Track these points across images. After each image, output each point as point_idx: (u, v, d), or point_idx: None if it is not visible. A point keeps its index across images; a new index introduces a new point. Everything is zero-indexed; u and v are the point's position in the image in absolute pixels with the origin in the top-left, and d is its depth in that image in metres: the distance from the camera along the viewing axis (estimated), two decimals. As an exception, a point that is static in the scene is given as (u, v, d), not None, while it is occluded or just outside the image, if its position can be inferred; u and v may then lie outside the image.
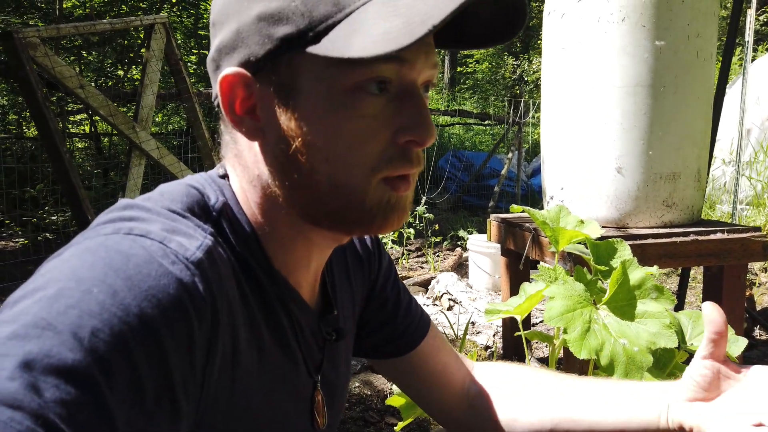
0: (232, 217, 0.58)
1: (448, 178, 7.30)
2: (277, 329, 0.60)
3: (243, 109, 0.55)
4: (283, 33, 0.50)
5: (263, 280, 0.59)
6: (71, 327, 0.39)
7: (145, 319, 0.42)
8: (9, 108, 7.38)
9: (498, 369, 0.90)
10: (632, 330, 1.22)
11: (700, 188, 2.27)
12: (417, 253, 5.19)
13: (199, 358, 0.47)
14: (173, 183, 0.59)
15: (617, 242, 1.39)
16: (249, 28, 0.52)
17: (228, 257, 0.54)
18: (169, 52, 3.45)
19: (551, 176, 2.38)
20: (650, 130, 2.09)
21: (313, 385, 0.67)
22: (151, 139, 3.25)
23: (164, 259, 0.46)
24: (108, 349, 0.40)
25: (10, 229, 5.54)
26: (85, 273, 0.43)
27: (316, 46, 0.49)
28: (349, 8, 0.49)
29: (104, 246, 0.46)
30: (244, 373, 0.54)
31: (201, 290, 0.47)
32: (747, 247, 2.11)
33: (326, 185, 0.54)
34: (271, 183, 0.56)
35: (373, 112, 0.52)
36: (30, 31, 2.63)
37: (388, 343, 0.83)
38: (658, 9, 2.03)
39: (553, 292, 1.27)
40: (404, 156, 0.54)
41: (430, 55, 0.55)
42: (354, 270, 0.78)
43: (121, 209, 0.52)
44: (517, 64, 12.22)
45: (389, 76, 0.52)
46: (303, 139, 0.53)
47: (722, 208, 4.72)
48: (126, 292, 0.43)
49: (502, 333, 2.88)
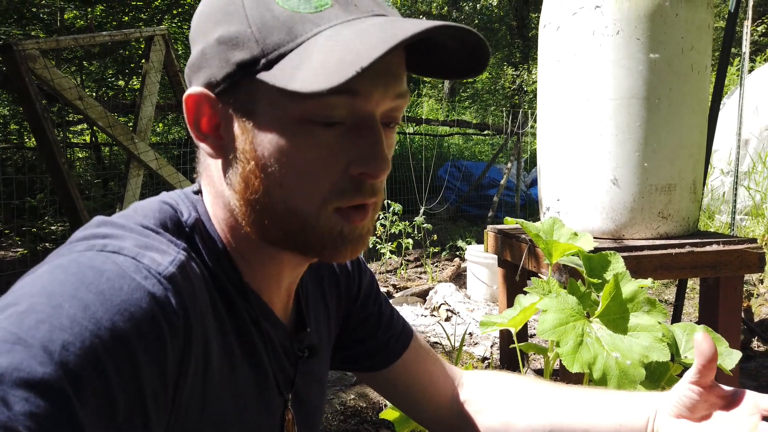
0: (204, 233, 0.58)
1: (447, 188, 7.31)
2: (249, 345, 0.61)
3: (209, 127, 0.56)
4: (239, 58, 0.51)
5: (235, 296, 0.59)
6: (42, 341, 0.39)
7: (117, 333, 0.43)
8: (11, 118, 7.41)
9: (489, 376, 0.91)
10: (625, 343, 1.22)
11: (696, 200, 2.27)
12: (415, 263, 5.19)
13: (171, 372, 0.47)
14: (148, 200, 0.59)
15: (610, 255, 1.40)
16: (211, 50, 0.53)
17: (201, 272, 0.55)
18: (168, 64, 3.47)
19: (547, 187, 2.39)
20: (645, 141, 2.10)
21: (283, 403, 0.66)
22: (150, 150, 3.26)
23: (137, 274, 0.47)
24: (79, 363, 0.40)
25: (10, 239, 5.54)
26: (56, 288, 0.43)
27: (266, 73, 0.50)
28: (301, 38, 0.50)
29: (77, 262, 0.46)
30: (216, 387, 0.54)
31: (174, 304, 0.48)
32: (743, 258, 2.11)
33: (281, 208, 0.54)
34: (232, 201, 0.57)
35: (325, 143, 0.52)
36: (29, 43, 2.64)
37: (371, 357, 0.83)
38: (653, 22, 2.05)
39: (546, 305, 1.27)
40: (357, 188, 0.54)
41: (391, 86, 0.54)
42: (330, 288, 0.78)
43: (96, 226, 0.53)
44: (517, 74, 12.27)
45: (338, 110, 0.52)
46: (258, 162, 0.53)
47: (721, 218, 4.72)
48: (98, 306, 0.43)
49: (499, 344, 2.88)
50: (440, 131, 8.89)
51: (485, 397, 0.86)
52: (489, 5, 14.41)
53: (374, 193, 0.56)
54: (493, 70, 15.14)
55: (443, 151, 9.08)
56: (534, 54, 12.97)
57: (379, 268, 4.88)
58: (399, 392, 0.86)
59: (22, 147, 6.90)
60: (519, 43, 13.65)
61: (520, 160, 7.19)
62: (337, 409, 2.10)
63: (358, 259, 0.83)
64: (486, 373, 0.92)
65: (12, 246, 5.46)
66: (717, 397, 0.64)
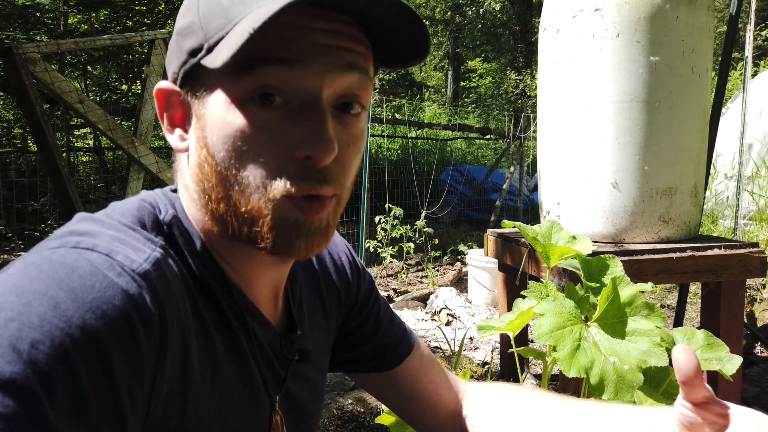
0: (182, 230, 0.58)
1: (449, 192, 7.30)
2: (234, 343, 0.59)
3: (176, 120, 0.58)
4: (189, 46, 0.53)
5: (219, 293, 0.58)
6: (10, 339, 0.38)
7: (89, 331, 0.42)
8: (14, 122, 7.44)
9: (492, 391, 0.88)
10: (623, 348, 1.21)
11: (697, 203, 2.26)
12: (416, 267, 5.18)
13: (147, 370, 0.46)
14: (127, 199, 0.59)
15: (609, 258, 1.38)
16: (173, 45, 0.56)
17: (179, 270, 0.54)
18: (170, 67, 3.47)
19: (548, 191, 2.37)
20: (646, 145, 2.09)
21: (270, 404, 0.65)
22: (151, 154, 3.27)
23: (110, 271, 0.46)
24: (48, 362, 0.39)
25: (13, 243, 5.55)
26: (26, 286, 0.42)
27: (206, 57, 0.50)
28: (235, 21, 0.49)
29: (49, 260, 0.45)
30: (197, 387, 0.53)
31: (148, 302, 0.46)
32: (745, 263, 2.09)
33: (233, 197, 0.53)
34: (196, 195, 0.57)
35: (265, 124, 0.51)
36: (30, 47, 2.65)
37: (369, 360, 0.82)
38: (653, 25, 2.04)
39: (543, 310, 1.26)
40: (305, 173, 0.51)
41: (337, 55, 0.51)
42: (328, 293, 0.77)
43: (75, 222, 0.53)
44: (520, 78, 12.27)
45: (273, 82, 0.50)
46: (209, 149, 0.53)
47: (725, 223, 4.69)
48: (69, 303, 0.42)
49: (500, 349, 2.86)
50: (443, 135, 8.89)
51: (488, 415, 0.84)
52: (492, 10, 14.42)
53: (326, 181, 0.53)
54: (496, 75, 15.14)
55: (446, 156, 9.08)
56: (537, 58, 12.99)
57: (380, 272, 4.87)
58: (400, 398, 0.85)
59: (25, 151, 6.92)
60: (522, 47, 13.67)
61: (522, 164, 7.18)
62: (335, 413, 2.09)
63: (357, 263, 0.82)
64: (490, 386, 0.90)
65: (15, 249, 5.47)
66: (715, 415, 0.58)
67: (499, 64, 15.35)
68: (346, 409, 2.09)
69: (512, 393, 0.86)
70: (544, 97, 2.39)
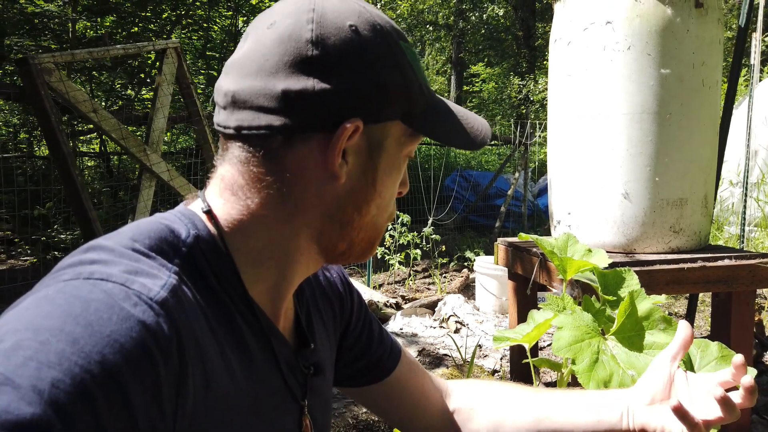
0: (206, 249, 0.57)
1: (455, 197, 7.32)
2: (256, 361, 0.60)
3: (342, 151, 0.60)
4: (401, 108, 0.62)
5: (241, 312, 0.59)
6: (30, 380, 0.39)
7: (108, 366, 0.42)
8: (20, 127, 7.47)
9: (474, 384, 0.96)
10: (641, 361, 1.23)
11: (707, 214, 2.28)
12: (424, 274, 5.19)
13: (168, 398, 0.46)
14: (142, 220, 0.58)
15: (625, 272, 1.40)
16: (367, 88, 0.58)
17: (193, 296, 0.54)
18: (181, 77, 3.50)
19: (558, 201, 2.39)
20: (656, 156, 2.11)
21: (299, 410, 0.67)
22: (162, 162, 3.29)
23: (126, 302, 0.46)
24: (69, 400, 0.39)
25: (20, 248, 5.58)
26: (42, 322, 0.42)
27: (414, 122, 0.63)
28: (431, 101, 0.65)
29: (63, 293, 0.45)
30: (220, 409, 0.54)
31: (165, 330, 0.47)
32: (755, 273, 2.11)
33: (369, 224, 0.65)
34: (315, 219, 0.61)
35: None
36: (45, 57, 2.68)
37: (366, 373, 0.86)
38: (664, 38, 2.06)
39: (562, 322, 1.27)
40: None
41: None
42: (325, 310, 0.79)
43: (84, 252, 0.52)
44: (523, 84, 12.28)
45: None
46: (375, 186, 0.63)
47: (730, 229, 4.71)
48: (86, 339, 0.42)
49: (509, 357, 2.88)
50: (447, 141, 8.86)
51: (473, 405, 0.90)
52: (495, 15, 14.44)
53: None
54: (499, 80, 15.16)
55: (450, 161, 9.10)
56: (540, 63, 12.98)
57: (388, 279, 4.89)
58: (392, 406, 0.88)
59: (32, 156, 6.95)
60: (525, 52, 13.67)
61: (527, 170, 7.19)
62: (349, 422, 2.11)
63: (347, 279, 0.86)
64: (470, 381, 0.97)
65: (21, 254, 5.50)
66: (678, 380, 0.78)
67: (502, 69, 15.36)
68: (361, 418, 2.11)
69: (493, 385, 0.96)
70: (554, 107, 2.42)
